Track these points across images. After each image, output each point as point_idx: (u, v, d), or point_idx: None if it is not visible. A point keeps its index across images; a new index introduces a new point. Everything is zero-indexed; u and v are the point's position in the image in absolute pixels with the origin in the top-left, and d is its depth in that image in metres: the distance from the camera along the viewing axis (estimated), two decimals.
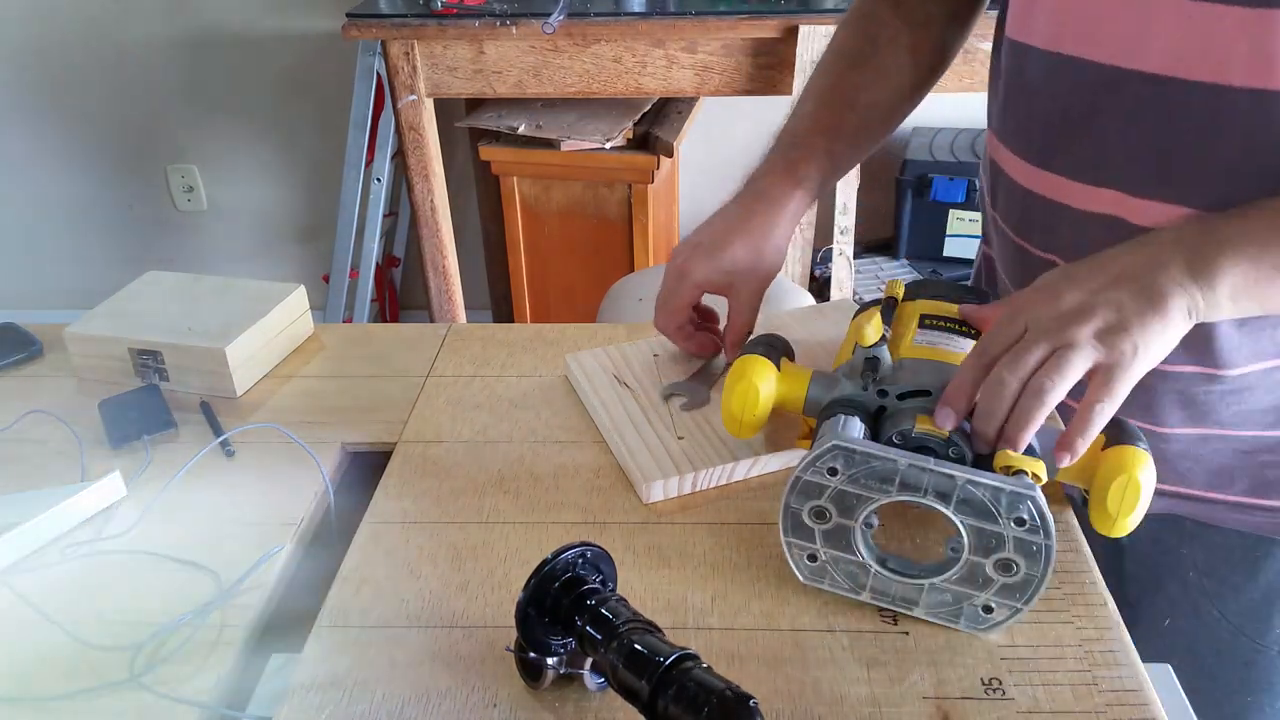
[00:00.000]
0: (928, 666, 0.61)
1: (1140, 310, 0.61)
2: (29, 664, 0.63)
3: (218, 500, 0.77)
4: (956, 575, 0.61)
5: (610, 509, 0.74)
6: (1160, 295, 0.61)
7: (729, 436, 0.77)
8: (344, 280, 2.35)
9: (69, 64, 2.55)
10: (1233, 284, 0.61)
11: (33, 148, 2.68)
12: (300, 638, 0.64)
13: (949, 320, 0.74)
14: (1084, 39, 0.69)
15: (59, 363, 0.95)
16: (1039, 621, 0.64)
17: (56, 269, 2.88)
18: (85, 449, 0.83)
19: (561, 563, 0.58)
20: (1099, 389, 0.61)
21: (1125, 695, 0.59)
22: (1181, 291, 0.61)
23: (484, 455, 0.81)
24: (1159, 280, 0.62)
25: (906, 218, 2.37)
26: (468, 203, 2.59)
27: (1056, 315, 0.62)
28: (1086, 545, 0.70)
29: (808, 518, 0.63)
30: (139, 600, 0.68)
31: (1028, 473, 0.60)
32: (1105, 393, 0.60)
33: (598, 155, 2.11)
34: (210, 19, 2.47)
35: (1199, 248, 0.62)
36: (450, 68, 1.99)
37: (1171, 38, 0.65)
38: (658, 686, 0.51)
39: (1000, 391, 0.61)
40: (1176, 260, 0.62)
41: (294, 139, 2.63)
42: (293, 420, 0.86)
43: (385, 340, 0.99)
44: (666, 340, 0.88)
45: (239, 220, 2.77)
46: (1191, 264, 0.62)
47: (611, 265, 2.23)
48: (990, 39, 0.84)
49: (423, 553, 0.71)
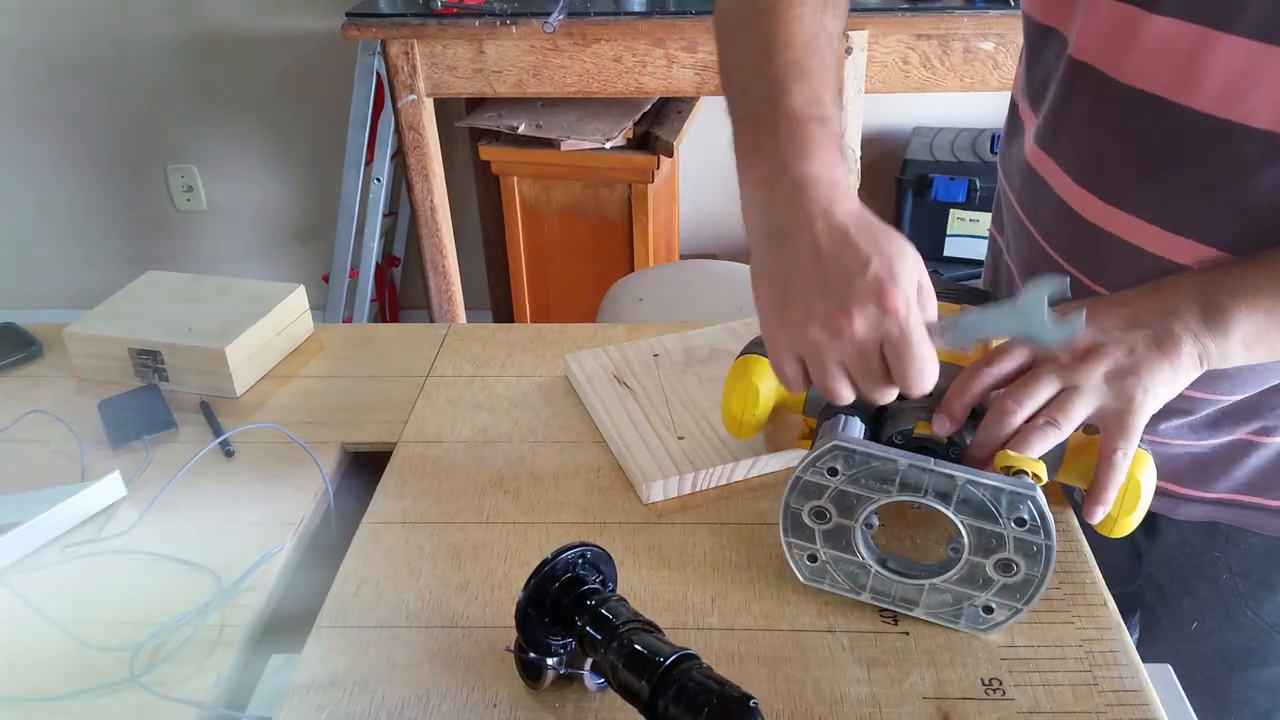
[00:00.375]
0: (928, 666, 0.61)
1: (1151, 355, 0.62)
2: (29, 664, 0.63)
3: (218, 500, 0.77)
4: (957, 575, 0.61)
5: (610, 509, 0.74)
6: (1173, 342, 0.62)
7: (729, 436, 0.77)
8: (344, 280, 2.35)
9: (69, 64, 2.55)
10: (1246, 332, 0.62)
11: (33, 147, 2.68)
12: (300, 638, 0.64)
13: None
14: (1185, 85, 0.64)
15: (59, 363, 0.95)
16: (1039, 622, 0.64)
17: (56, 269, 2.87)
18: (85, 449, 0.83)
19: (561, 563, 0.58)
20: (1114, 437, 0.62)
21: (1125, 695, 0.59)
22: (1194, 340, 0.62)
23: (484, 455, 0.81)
24: (1173, 327, 0.62)
25: (907, 218, 2.37)
26: (468, 203, 2.59)
27: (1069, 352, 0.63)
28: (1087, 545, 0.70)
29: (808, 518, 0.63)
30: (139, 600, 0.68)
31: (1028, 473, 0.60)
32: (1121, 440, 0.62)
33: (598, 155, 2.11)
34: (210, 19, 2.47)
35: (1213, 296, 0.63)
36: (450, 67, 1.99)
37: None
38: (658, 686, 0.51)
39: (1005, 420, 0.62)
40: (1191, 307, 0.63)
41: (294, 139, 2.63)
42: (293, 420, 0.86)
43: (385, 340, 0.99)
44: (666, 340, 0.88)
45: (239, 220, 2.77)
46: (1206, 311, 0.62)
47: (611, 265, 2.23)
48: (990, 39, 0.83)
49: (423, 553, 0.71)
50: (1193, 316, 0.62)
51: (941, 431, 0.65)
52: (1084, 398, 0.62)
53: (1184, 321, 0.62)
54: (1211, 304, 0.62)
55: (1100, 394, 0.62)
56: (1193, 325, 0.62)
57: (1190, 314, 0.62)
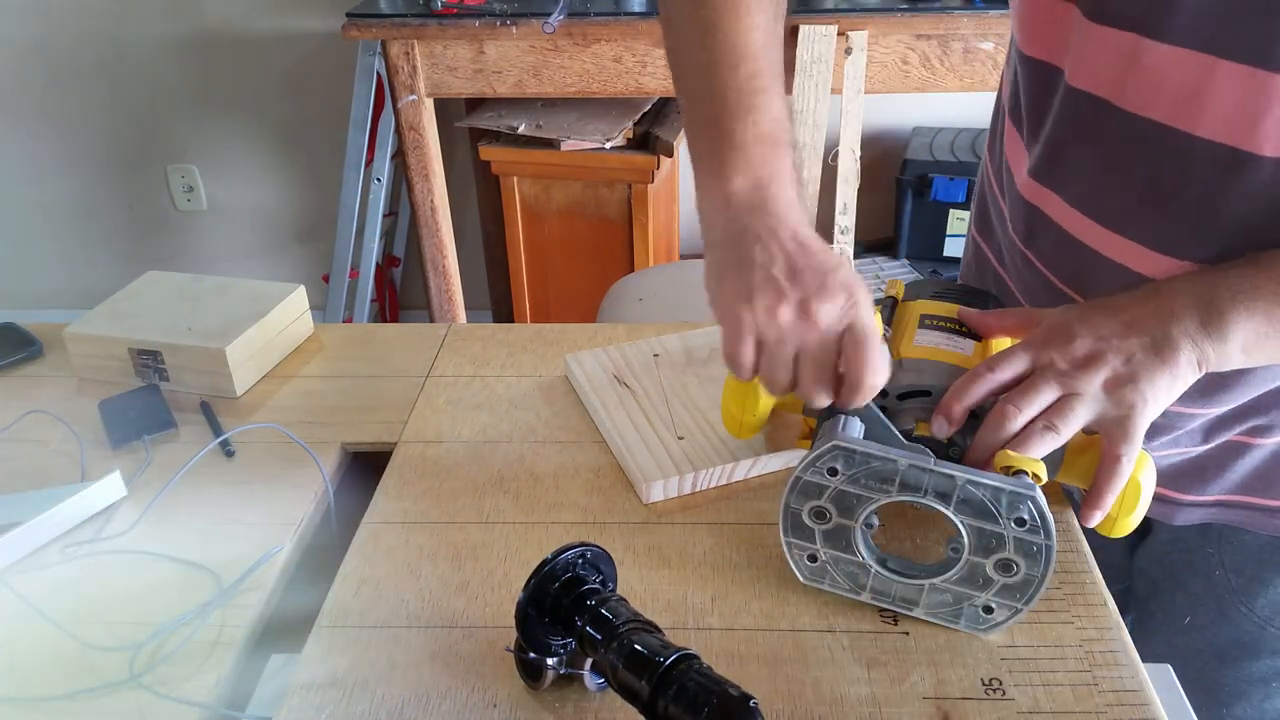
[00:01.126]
0: (928, 666, 0.61)
1: (1150, 363, 0.62)
2: (29, 664, 0.63)
3: (218, 500, 0.77)
4: (957, 575, 0.61)
5: (610, 509, 0.74)
6: (1171, 348, 0.62)
7: (729, 436, 0.77)
8: (344, 280, 2.35)
9: (69, 64, 2.55)
10: (1245, 337, 0.62)
11: (33, 147, 2.68)
12: (300, 638, 0.64)
13: (949, 320, 0.74)
14: (1189, 113, 0.64)
15: (59, 363, 0.95)
16: (1039, 621, 0.64)
17: (56, 269, 2.88)
18: (85, 449, 0.83)
19: (561, 563, 0.58)
20: (1117, 442, 0.62)
21: (1125, 695, 0.59)
22: (1192, 345, 0.62)
23: (484, 455, 0.81)
24: (1171, 332, 0.62)
25: (907, 217, 2.37)
26: (468, 203, 2.59)
27: (1069, 359, 0.63)
28: (1087, 545, 0.70)
29: (808, 518, 0.63)
30: (139, 600, 0.68)
31: (1028, 473, 0.60)
32: (1125, 445, 0.62)
33: (598, 155, 2.11)
34: (210, 19, 2.47)
35: (1213, 300, 0.62)
36: (450, 67, 1.99)
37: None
38: (658, 686, 0.51)
39: (1005, 424, 0.63)
40: (1190, 313, 0.63)
41: (294, 139, 2.63)
42: (293, 420, 0.86)
43: (385, 340, 0.99)
44: (667, 340, 0.88)
45: (239, 220, 2.77)
46: (1205, 316, 0.62)
47: (611, 265, 2.23)
48: (989, 39, 0.83)
49: (423, 553, 0.71)
50: (1191, 321, 0.62)
51: (939, 433, 0.65)
52: (1083, 405, 0.62)
53: (1182, 327, 0.62)
54: (1211, 308, 0.62)
55: (1099, 402, 0.62)
56: (1191, 330, 0.62)
57: (1189, 319, 0.62)
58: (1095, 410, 0.63)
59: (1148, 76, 0.64)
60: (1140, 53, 0.64)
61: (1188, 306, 0.63)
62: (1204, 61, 0.61)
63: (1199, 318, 0.62)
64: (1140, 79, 0.65)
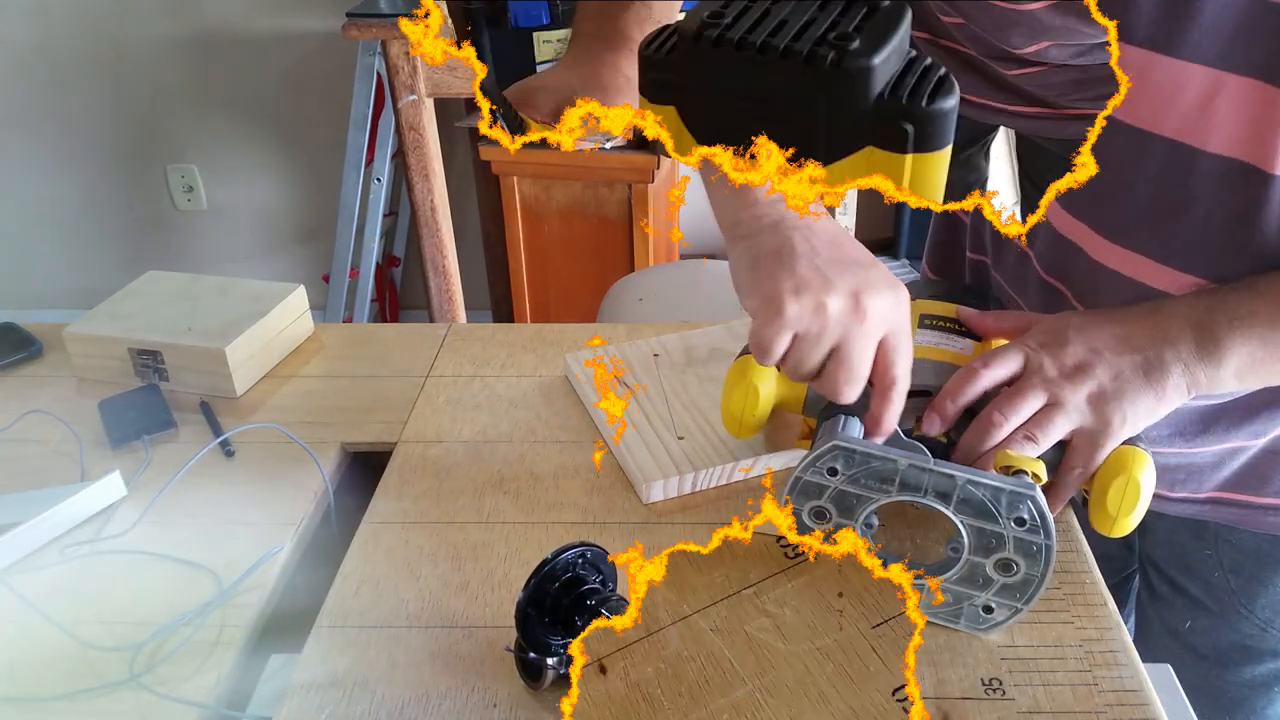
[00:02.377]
0: (928, 666, 0.61)
1: (1136, 384, 0.63)
2: (29, 664, 0.63)
3: (218, 500, 0.77)
4: (956, 575, 0.61)
5: (610, 509, 0.74)
6: (1161, 372, 0.62)
7: (729, 436, 0.77)
8: (344, 280, 2.35)
9: (69, 64, 2.55)
10: (1239, 362, 0.62)
11: (33, 147, 2.68)
12: (300, 638, 0.64)
13: (949, 320, 0.74)
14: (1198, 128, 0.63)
15: (59, 363, 0.95)
16: (1039, 621, 0.64)
17: (56, 269, 2.87)
18: (85, 449, 0.83)
19: (561, 563, 0.58)
20: (1079, 456, 0.64)
21: (1125, 695, 0.59)
22: (1184, 370, 0.62)
23: (484, 455, 0.81)
24: (1164, 355, 0.63)
25: (906, 217, 2.37)
26: (468, 203, 2.59)
27: (1059, 365, 0.64)
28: (1087, 545, 0.70)
29: (808, 518, 0.63)
30: (139, 600, 0.68)
31: (1028, 473, 0.60)
32: (1084, 462, 0.64)
33: (598, 155, 2.11)
34: (210, 19, 2.47)
35: (1210, 325, 0.62)
36: (450, 67, 1.99)
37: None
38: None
39: (990, 431, 0.64)
40: (1185, 336, 0.63)
41: (294, 139, 2.63)
42: (292, 420, 0.85)
43: (385, 340, 0.99)
44: (666, 340, 0.88)
45: (239, 220, 2.77)
46: (1200, 340, 0.62)
47: (611, 265, 2.23)
48: None
49: (423, 553, 0.71)
50: (1186, 345, 0.63)
51: (930, 430, 0.66)
52: (1065, 416, 0.63)
53: (1176, 350, 0.63)
54: (1207, 333, 0.62)
55: (1081, 414, 0.63)
56: (1185, 354, 0.63)
57: (1184, 343, 0.63)
58: (1076, 422, 0.63)
59: (1156, 91, 0.64)
60: (1150, 68, 0.64)
61: (1184, 329, 0.63)
62: (1214, 77, 0.60)
63: (1194, 341, 0.63)
64: (1150, 94, 0.64)
